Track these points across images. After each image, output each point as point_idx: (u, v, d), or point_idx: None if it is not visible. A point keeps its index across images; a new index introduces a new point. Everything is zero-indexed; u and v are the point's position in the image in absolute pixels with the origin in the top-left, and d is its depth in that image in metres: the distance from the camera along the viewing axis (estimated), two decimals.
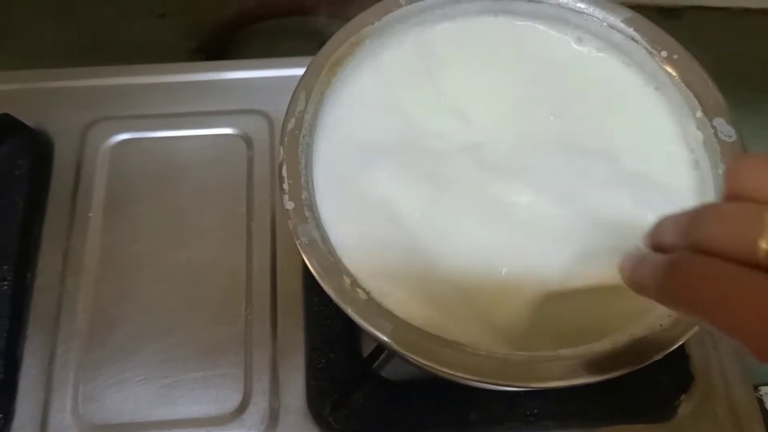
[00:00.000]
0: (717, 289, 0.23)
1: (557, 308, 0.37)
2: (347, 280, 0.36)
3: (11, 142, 0.57)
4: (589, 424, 0.49)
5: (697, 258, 0.24)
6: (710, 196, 0.39)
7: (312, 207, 0.38)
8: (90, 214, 0.55)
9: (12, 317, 0.51)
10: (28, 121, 0.59)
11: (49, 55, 0.69)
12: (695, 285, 0.24)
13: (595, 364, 0.35)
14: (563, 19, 0.45)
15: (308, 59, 0.43)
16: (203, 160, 0.58)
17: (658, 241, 0.28)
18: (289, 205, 0.37)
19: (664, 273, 0.25)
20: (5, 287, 0.51)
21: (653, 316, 0.36)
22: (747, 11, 0.76)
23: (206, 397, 0.49)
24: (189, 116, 0.60)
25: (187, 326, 0.51)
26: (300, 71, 0.42)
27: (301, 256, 0.52)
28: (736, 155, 0.29)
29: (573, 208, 0.39)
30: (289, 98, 0.41)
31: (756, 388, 0.51)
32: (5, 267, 0.52)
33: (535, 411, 0.48)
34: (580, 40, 0.45)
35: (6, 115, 0.57)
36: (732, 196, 0.24)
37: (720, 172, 0.39)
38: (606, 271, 0.35)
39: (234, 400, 0.49)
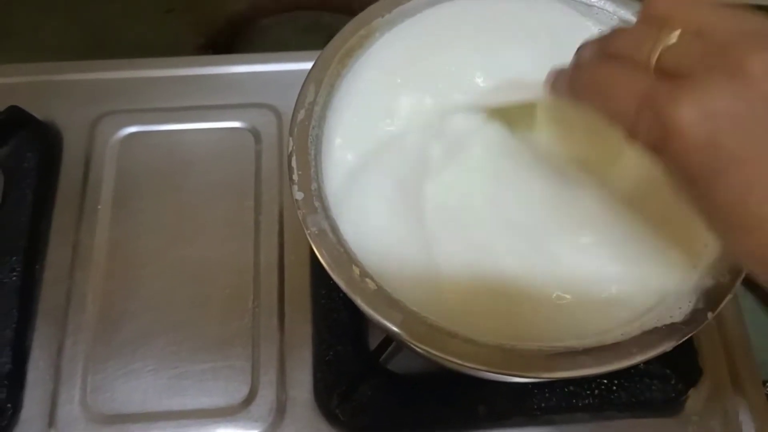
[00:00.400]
0: (607, 79, 0.29)
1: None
2: (356, 270, 0.36)
3: (20, 134, 0.57)
4: (596, 418, 0.49)
5: (597, 58, 0.30)
6: None
7: (321, 197, 0.38)
8: (99, 207, 0.55)
9: (20, 309, 0.51)
10: (37, 114, 0.59)
11: (53, 52, 0.69)
12: (592, 76, 0.30)
13: (604, 355, 0.35)
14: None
15: (316, 53, 0.43)
16: (211, 153, 0.58)
17: (579, 57, 0.32)
18: (299, 196, 0.38)
19: (572, 72, 0.32)
20: (14, 278, 0.52)
21: (662, 308, 0.36)
22: (760, 8, 0.76)
23: (215, 389, 0.49)
24: (197, 110, 0.60)
25: (195, 319, 0.52)
26: (308, 65, 0.42)
27: (309, 250, 0.53)
28: None
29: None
30: (296, 92, 0.41)
31: (765, 383, 0.50)
32: (14, 258, 0.52)
33: (543, 405, 0.48)
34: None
35: (15, 108, 0.58)
36: (644, 20, 0.29)
37: None
38: None
39: (242, 392, 0.49)
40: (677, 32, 0.27)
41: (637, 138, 0.27)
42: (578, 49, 0.32)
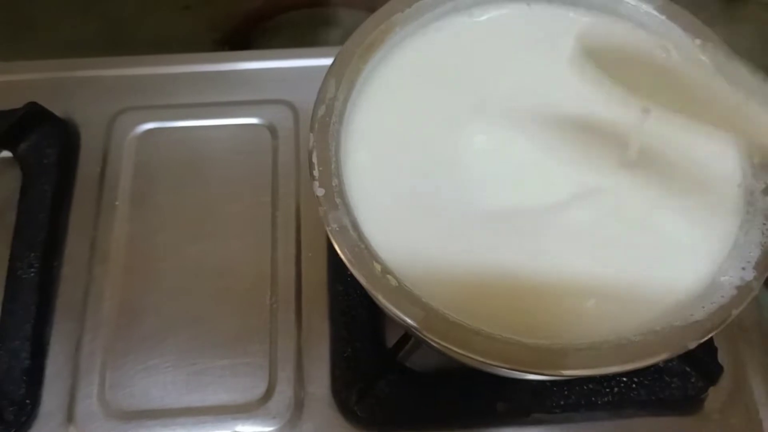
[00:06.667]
0: None
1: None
2: (378, 267, 0.36)
3: (39, 131, 0.58)
4: (616, 416, 0.48)
5: None
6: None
7: (342, 194, 0.38)
8: (117, 203, 0.56)
9: (39, 304, 0.51)
10: (56, 111, 0.59)
11: (71, 49, 0.69)
12: None
13: (627, 353, 0.34)
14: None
15: (333, 49, 0.43)
16: (228, 149, 0.58)
17: None
18: (320, 192, 0.37)
19: None
20: (32, 274, 0.52)
21: (686, 306, 0.36)
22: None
23: (233, 385, 0.49)
24: (214, 106, 0.60)
25: (213, 315, 0.51)
26: (324, 61, 0.42)
27: (326, 246, 0.53)
28: None
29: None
30: (313, 88, 0.41)
31: None
32: (32, 254, 0.52)
33: (562, 402, 0.48)
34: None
35: (34, 104, 0.58)
36: None
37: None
38: None
39: (260, 388, 0.49)
40: None
41: None
42: None
